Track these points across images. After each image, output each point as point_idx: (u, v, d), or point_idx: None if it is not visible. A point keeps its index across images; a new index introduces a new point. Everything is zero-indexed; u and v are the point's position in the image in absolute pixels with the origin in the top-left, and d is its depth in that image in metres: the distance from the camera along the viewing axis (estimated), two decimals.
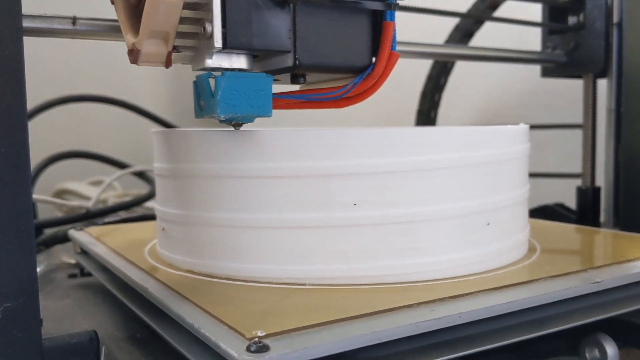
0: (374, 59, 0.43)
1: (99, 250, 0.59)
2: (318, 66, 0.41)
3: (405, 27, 0.89)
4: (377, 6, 0.41)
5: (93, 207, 0.91)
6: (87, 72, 1.11)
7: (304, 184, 0.44)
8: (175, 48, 0.38)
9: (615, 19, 0.77)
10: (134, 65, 0.39)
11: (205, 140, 0.46)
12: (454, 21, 0.89)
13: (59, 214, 0.97)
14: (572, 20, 0.82)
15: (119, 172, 1.02)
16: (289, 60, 0.40)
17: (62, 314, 0.56)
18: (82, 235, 0.68)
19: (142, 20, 0.36)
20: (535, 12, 0.86)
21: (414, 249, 0.45)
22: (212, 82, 0.38)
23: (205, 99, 0.39)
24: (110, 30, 0.45)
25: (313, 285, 0.44)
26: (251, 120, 0.41)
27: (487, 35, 0.90)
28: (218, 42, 0.37)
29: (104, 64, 1.14)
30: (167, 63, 0.38)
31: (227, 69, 0.39)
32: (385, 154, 0.44)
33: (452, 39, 0.89)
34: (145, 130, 1.16)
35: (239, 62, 0.39)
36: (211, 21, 0.37)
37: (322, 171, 0.44)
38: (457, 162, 0.46)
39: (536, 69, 0.88)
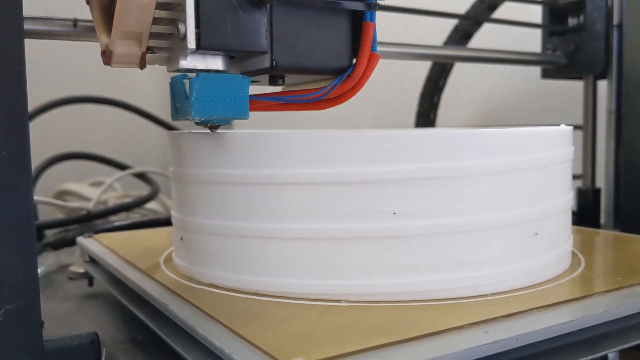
0: (354, 60, 0.42)
1: (111, 260, 0.55)
2: (296, 67, 0.40)
3: (405, 29, 0.89)
4: (357, 6, 0.41)
5: (94, 208, 0.91)
6: (88, 74, 1.10)
7: (339, 191, 0.41)
8: (149, 49, 0.38)
9: (615, 20, 0.77)
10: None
11: (230, 144, 0.43)
12: (452, 22, 0.89)
13: (59, 215, 0.96)
14: (572, 21, 0.82)
15: (119, 174, 1.02)
16: (266, 62, 0.39)
17: (64, 316, 0.56)
18: (91, 243, 0.64)
19: (114, 20, 0.35)
20: (536, 13, 0.86)
21: (458, 262, 0.42)
22: (186, 83, 0.38)
23: (180, 100, 0.38)
24: None
25: (349, 302, 0.41)
26: (228, 122, 0.40)
27: (487, 37, 0.90)
28: (191, 43, 0.36)
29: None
30: (142, 64, 0.38)
31: (202, 70, 0.38)
32: (428, 158, 0.41)
33: (451, 40, 0.89)
34: (146, 132, 1.16)
35: (215, 63, 0.39)
36: (184, 21, 0.36)
37: (359, 178, 0.41)
38: (505, 167, 0.43)
39: (536, 70, 0.87)
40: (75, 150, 1.06)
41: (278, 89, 0.44)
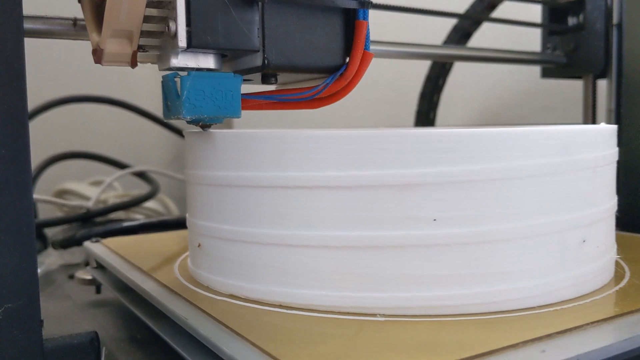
0: (347, 59, 0.42)
1: (121, 267, 0.53)
2: (288, 66, 0.40)
3: (404, 28, 0.89)
4: (350, 4, 0.40)
5: (93, 207, 0.91)
6: (88, 73, 1.10)
7: (374, 196, 0.38)
8: (140, 47, 0.38)
9: (615, 20, 0.77)
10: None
11: (254, 144, 0.41)
12: (452, 21, 0.89)
13: (59, 214, 0.97)
14: (572, 21, 0.82)
15: (119, 173, 1.02)
16: (258, 60, 0.39)
17: (63, 315, 0.57)
18: (99, 248, 0.61)
19: (104, 18, 0.35)
20: (535, 12, 0.85)
21: (504, 273, 0.39)
22: (177, 82, 0.38)
23: (171, 99, 0.38)
24: None
25: (385, 316, 0.38)
26: (220, 121, 0.40)
27: (487, 36, 0.90)
28: (182, 41, 0.36)
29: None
30: (133, 63, 0.38)
31: (193, 69, 0.38)
32: (472, 159, 0.38)
33: (451, 39, 0.89)
34: (145, 131, 1.16)
35: (206, 61, 0.39)
36: (175, 20, 0.36)
37: (396, 181, 0.38)
38: (554, 168, 0.40)
39: (536, 69, 0.87)
40: (75, 149, 1.06)
41: (271, 87, 0.44)
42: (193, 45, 0.37)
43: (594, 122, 0.81)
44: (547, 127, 0.42)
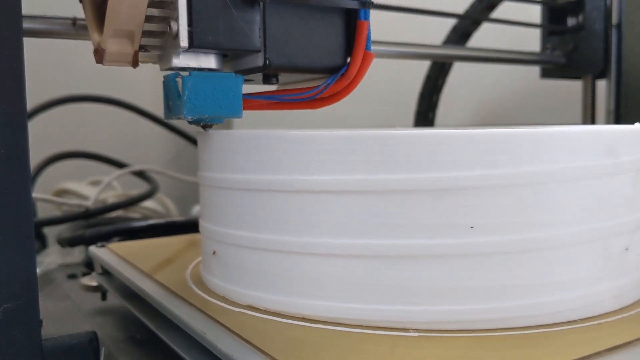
0: (348, 59, 0.42)
1: (130, 275, 0.50)
2: (289, 66, 0.40)
3: (403, 28, 0.89)
4: (351, 5, 0.40)
5: (92, 206, 0.91)
6: (87, 72, 1.10)
7: (407, 201, 0.35)
8: (142, 47, 0.38)
9: (614, 20, 0.77)
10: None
11: (275, 145, 0.38)
12: (451, 22, 0.89)
13: (58, 213, 0.97)
14: (571, 21, 0.83)
15: (118, 172, 1.02)
16: (259, 60, 0.39)
17: (62, 315, 0.56)
18: (105, 254, 0.58)
19: (105, 18, 0.35)
20: (535, 13, 0.85)
21: (545, 284, 0.36)
22: (178, 82, 0.38)
23: (173, 99, 0.38)
24: None
25: (419, 331, 0.35)
26: (221, 121, 0.40)
27: (486, 36, 0.90)
28: (184, 42, 0.36)
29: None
30: (134, 63, 0.38)
31: (194, 69, 0.38)
32: (514, 162, 0.35)
33: (450, 39, 0.89)
34: (144, 131, 1.16)
35: (208, 61, 0.39)
36: (177, 20, 0.36)
37: (430, 185, 0.35)
38: (597, 171, 0.37)
39: (535, 70, 0.87)
40: (74, 148, 1.06)
41: (272, 87, 0.44)
42: (195, 45, 0.37)
43: (593, 122, 0.81)
44: (590, 127, 0.40)
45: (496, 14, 0.87)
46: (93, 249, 0.60)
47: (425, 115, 0.93)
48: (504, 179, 0.35)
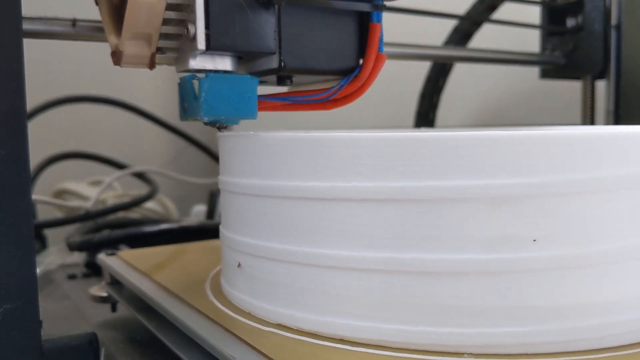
0: (360, 61, 0.42)
1: (145, 287, 0.46)
2: (303, 68, 0.40)
3: (404, 29, 0.89)
4: (364, 7, 0.41)
5: (92, 207, 0.91)
6: (87, 73, 1.10)
7: (460, 211, 0.32)
8: (159, 50, 0.38)
9: (613, 21, 0.78)
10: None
11: (313, 149, 0.35)
12: (452, 22, 0.89)
13: (58, 214, 0.97)
14: (570, 22, 0.83)
15: (118, 173, 1.02)
16: (274, 62, 0.39)
17: (62, 316, 0.56)
18: (115, 262, 0.55)
19: (124, 21, 0.36)
20: (534, 13, 0.86)
21: (613, 302, 0.33)
22: (195, 84, 0.38)
23: (189, 101, 0.39)
24: None
25: (474, 356, 0.32)
26: (236, 122, 0.40)
27: (486, 37, 0.90)
28: (201, 44, 0.37)
29: (103, 64, 1.13)
30: (151, 65, 0.38)
31: (211, 71, 0.39)
32: (585, 166, 0.32)
33: (451, 40, 0.89)
34: (145, 131, 1.16)
35: (223, 63, 0.39)
36: (194, 22, 0.37)
37: (487, 193, 0.31)
38: None
39: (535, 70, 0.88)
40: (74, 149, 1.06)
41: (285, 89, 0.44)
42: (212, 47, 0.37)
43: (592, 123, 0.81)
44: None
45: (496, 14, 0.87)
46: (102, 257, 0.57)
47: (425, 116, 0.94)
48: (572, 185, 0.32)
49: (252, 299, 0.39)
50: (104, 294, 0.54)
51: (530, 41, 0.87)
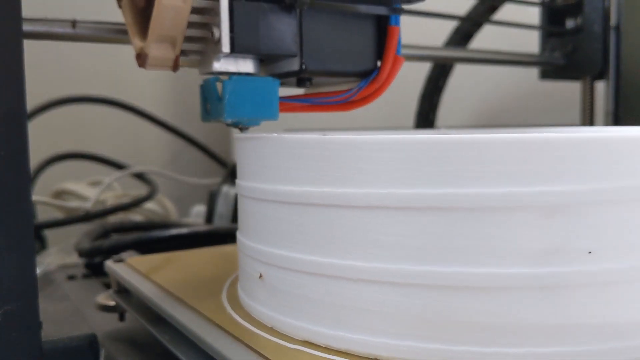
0: (378, 63, 0.43)
1: (156, 296, 0.44)
2: (324, 70, 0.41)
3: (405, 30, 0.90)
4: (383, 11, 0.42)
5: (92, 208, 0.91)
6: (87, 73, 1.11)
7: (506, 220, 0.29)
8: (182, 52, 0.39)
9: (612, 22, 0.78)
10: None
11: (346, 153, 0.32)
12: (453, 23, 0.89)
13: (58, 215, 0.97)
14: (570, 23, 0.83)
15: (118, 173, 1.03)
16: (295, 65, 0.40)
17: (62, 317, 0.55)
18: (123, 269, 0.52)
19: (150, 24, 0.36)
20: (534, 14, 0.86)
21: None
22: (219, 86, 0.39)
23: (212, 102, 0.39)
24: (110, 33, 0.45)
25: None
26: (257, 124, 0.41)
27: (486, 38, 0.91)
28: (226, 47, 0.37)
29: (103, 65, 1.14)
30: (175, 67, 0.39)
31: (233, 73, 0.39)
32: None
33: (452, 41, 0.89)
34: (144, 132, 1.17)
35: (246, 66, 0.40)
36: (219, 26, 0.37)
37: (539, 201, 0.29)
38: None
39: (534, 71, 0.88)
40: (73, 149, 1.06)
41: (301, 90, 0.45)
42: (236, 50, 0.38)
43: (591, 124, 0.82)
44: None
45: (495, 15, 0.88)
46: (110, 264, 0.54)
47: (426, 116, 0.94)
48: (634, 192, 0.30)
49: (275, 313, 0.36)
50: (112, 303, 0.52)
51: (533, 42, 0.87)
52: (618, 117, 0.77)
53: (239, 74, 0.40)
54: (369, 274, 0.31)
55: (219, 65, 0.39)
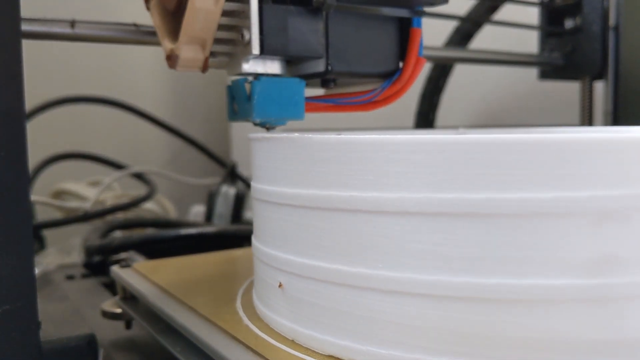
0: (400, 64, 0.44)
1: (166, 306, 0.42)
2: (349, 71, 0.42)
3: None
4: (405, 13, 0.42)
5: (91, 208, 0.92)
6: (86, 73, 1.11)
7: (552, 227, 0.27)
8: (211, 54, 0.40)
9: (611, 22, 0.79)
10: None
11: (376, 155, 0.30)
12: (452, 23, 0.90)
13: (57, 215, 0.97)
14: (569, 23, 0.83)
15: (117, 173, 1.03)
16: (321, 66, 0.41)
17: (61, 317, 0.55)
18: (130, 275, 0.50)
19: (182, 27, 0.37)
20: (534, 14, 0.87)
21: None
22: (247, 87, 0.39)
23: (241, 102, 0.40)
24: (109, 33, 0.46)
25: None
26: (284, 123, 0.42)
27: (486, 38, 0.91)
28: (256, 49, 0.38)
29: (102, 65, 1.14)
30: (204, 68, 0.39)
31: (261, 74, 0.40)
32: None
33: (452, 41, 0.90)
34: (143, 132, 1.17)
35: (273, 67, 0.41)
36: (249, 28, 0.38)
37: (587, 207, 0.27)
38: None
39: (533, 71, 0.89)
40: (73, 149, 1.06)
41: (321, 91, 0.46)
42: (265, 52, 0.39)
43: (590, 124, 0.82)
44: None
45: (495, 15, 0.89)
46: (116, 269, 0.53)
47: (425, 116, 0.95)
48: None
49: (296, 325, 0.34)
50: (118, 310, 0.50)
51: (530, 42, 0.88)
52: (617, 117, 0.78)
53: (267, 74, 0.40)
54: (402, 285, 0.29)
55: (248, 67, 0.40)
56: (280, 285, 0.35)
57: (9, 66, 0.35)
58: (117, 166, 1.08)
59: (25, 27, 0.42)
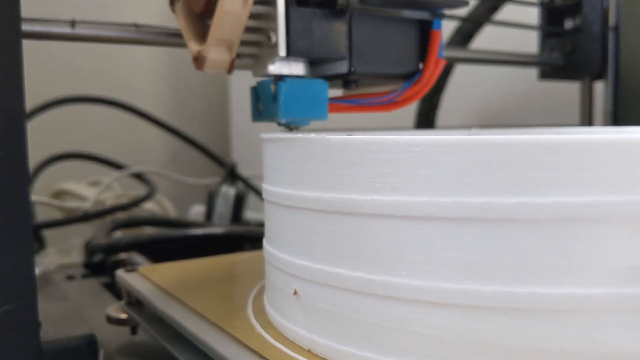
0: (421, 65, 0.45)
1: (174, 311, 0.40)
2: (371, 72, 0.43)
3: None
4: (426, 16, 0.43)
5: (91, 208, 0.92)
6: (86, 73, 1.11)
7: (589, 233, 0.25)
8: (237, 55, 0.40)
9: (611, 22, 0.79)
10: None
11: (401, 157, 0.28)
12: (453, 23, 0.90)
13: (57, 215, 0.97)
14: (569, 23, 0.84)
15: (117, 173, 1.03)
16: (344, 67, 0.41)
17: (61, 317, 0.56)
18: (136, 280, 0.48)
19: (210, 29, 0.38)
20: (533, 14, 0.87)
21: None
22: (273, 88, 0.40)
23: (266, 103, 0.41)
24: (109, 33, 0.46)
25: None
26: (307, 124, 0.42)
27: (486, 38, 0.92)
28: (282, 51, 0.39)
29: (102, 65, 1.14)
30: (230, 69, 0.40)
31: (287, 76, 0.41)
32: None
33: (453, 41, 0.90)
34: (143, 132, 1.17)
35: (298, 68, 0.41)
36: (275, 31, 0.39)
37: (628, 211, 0.25)
38: None
39: (533, 71, 0.89)
40: (73, 149, 1.06)
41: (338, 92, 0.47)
42: (291, 54, 0.39)
43: (590, 124, 0.83)
44: None
45: (495, 15, 0.89)
46: (121, 274, 0.51)
47: (426, 116, 0.95)
48: None
49: (313, 334, 0.32)
50: (123, 316, 0.48)
51: (530, 42, 0.88)
52: (617, 118, 0.79)
53: (291, 76, 0.41)
54: (428, 294, 0.28)
55: (274, 68, 0.40)
56: (295, 293, 0.34)
57: (9, 66, 0.35)
58: (117, 166, 1.08)
59: (25, 27, 0.42)
